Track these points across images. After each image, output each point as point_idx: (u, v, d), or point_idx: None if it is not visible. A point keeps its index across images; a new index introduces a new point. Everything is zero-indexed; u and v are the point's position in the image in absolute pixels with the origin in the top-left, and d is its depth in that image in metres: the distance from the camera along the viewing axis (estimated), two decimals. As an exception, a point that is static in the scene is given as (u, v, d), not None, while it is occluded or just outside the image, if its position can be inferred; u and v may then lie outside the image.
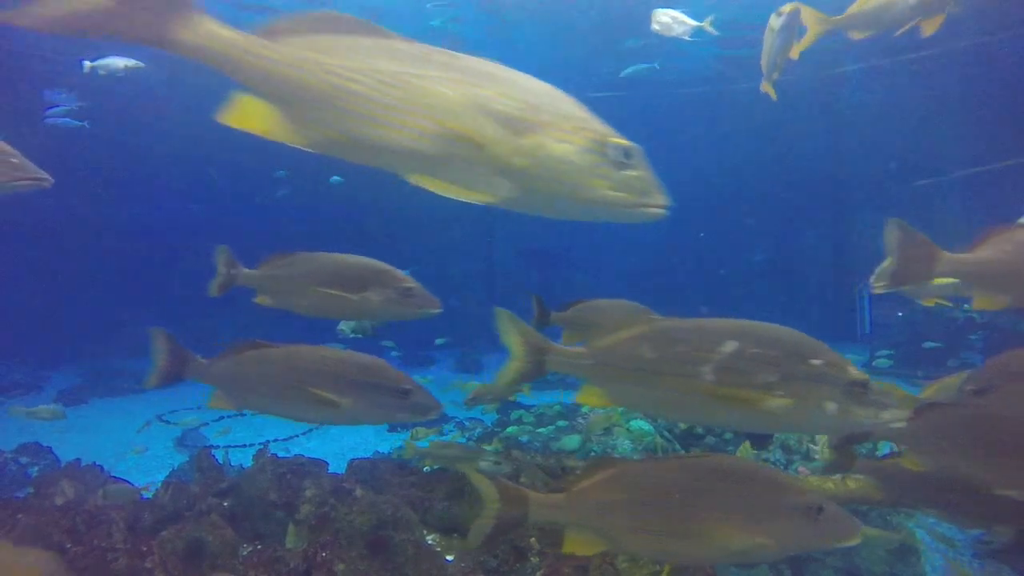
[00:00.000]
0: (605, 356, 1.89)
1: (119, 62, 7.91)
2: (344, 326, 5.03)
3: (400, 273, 2.57)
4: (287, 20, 1.47)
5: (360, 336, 5.02)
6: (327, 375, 2.21)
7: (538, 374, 1.96)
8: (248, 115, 1.46)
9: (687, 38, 5.22)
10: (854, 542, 1.69)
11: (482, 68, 1.48)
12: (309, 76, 1.43)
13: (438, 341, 13.52)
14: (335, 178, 14.63)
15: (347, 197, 17.36)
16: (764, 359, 1.68)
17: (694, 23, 5.27)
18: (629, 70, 11.57)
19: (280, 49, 1.44)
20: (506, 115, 1.43)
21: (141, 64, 7.95)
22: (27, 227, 15.80)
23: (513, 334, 1.96)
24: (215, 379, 2.38)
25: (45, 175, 2.38)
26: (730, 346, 1.70)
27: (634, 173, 1.51)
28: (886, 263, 2.36)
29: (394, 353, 13.48)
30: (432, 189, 1.46)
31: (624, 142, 1.51)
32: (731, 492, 1.75)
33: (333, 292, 2.49)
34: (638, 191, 1.51)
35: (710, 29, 5.24)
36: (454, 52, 1.48)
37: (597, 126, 1.51)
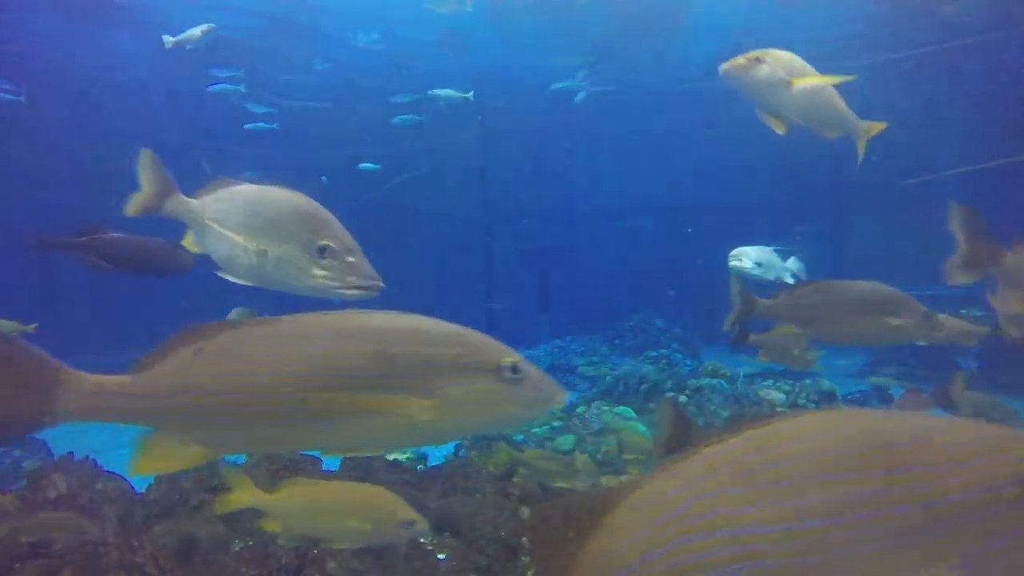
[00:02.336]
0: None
1: (196, 31, 8.12)
2: (235, 316, 4.82)
3: (914, 298, 2.68)
4: None
5: None
6: None
7: None
8: None
9: None
10: None
11: None
12: None
13: None
14: (323, 177, 14.58)
15: (343, 195, 17.38)
16: None
17: None
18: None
19: None
20: None
21: (214, 25, 8.11)
22: (21, 219, 15.78)
23: None
24: None
25: (378, 280, 1.90)
26: None
27: None
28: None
29: None
30: None
31: None
32: None
33: (881, 319, 2.59)
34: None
35: None
36: None
37: None
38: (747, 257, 3.82)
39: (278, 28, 12.15)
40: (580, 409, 4.74)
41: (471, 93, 10.96)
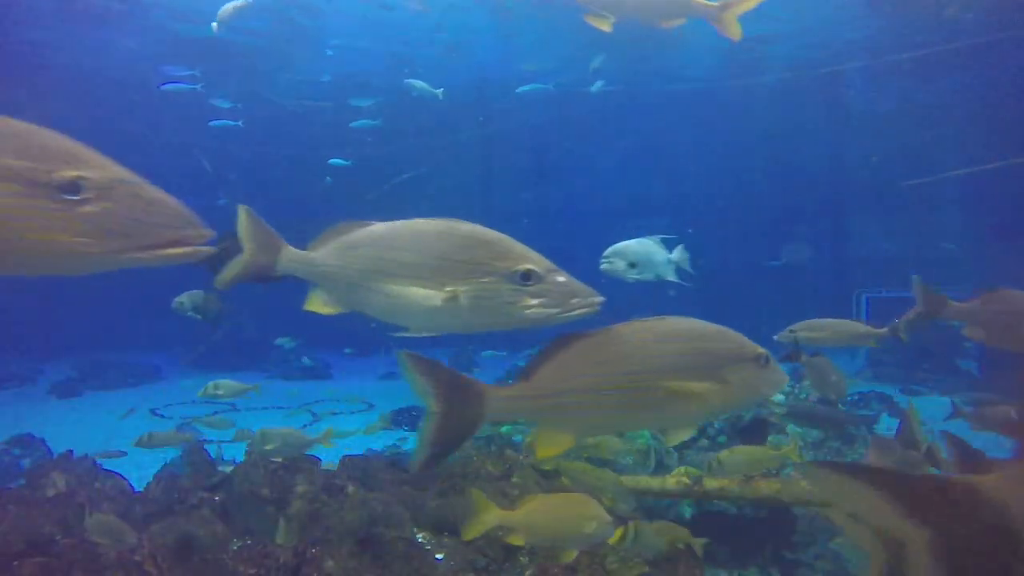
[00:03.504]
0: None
1: (229, 7, 8.15)
2: (185, 299, 4.24)
3: None
4: None
5: (199, 317, 4.26)
6: None
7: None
8: None
9: None
10: None
11: None
12: None
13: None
14: (328, 179, 14.48)
15: (340, 193, 17.36)
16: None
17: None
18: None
19: None
20: None
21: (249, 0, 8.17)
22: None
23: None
24: None
25: (597, 295, 1.78)
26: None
27: None
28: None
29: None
30: None
31: None
32: None
33: None
34: None
35: None
36: None
37: None
38: (620, 258, 3.56)
39: (276, 28, 12.15)
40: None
41: (441, 91, 11.01)
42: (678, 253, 3.65)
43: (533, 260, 1.78)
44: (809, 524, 3.56)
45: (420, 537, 2.91)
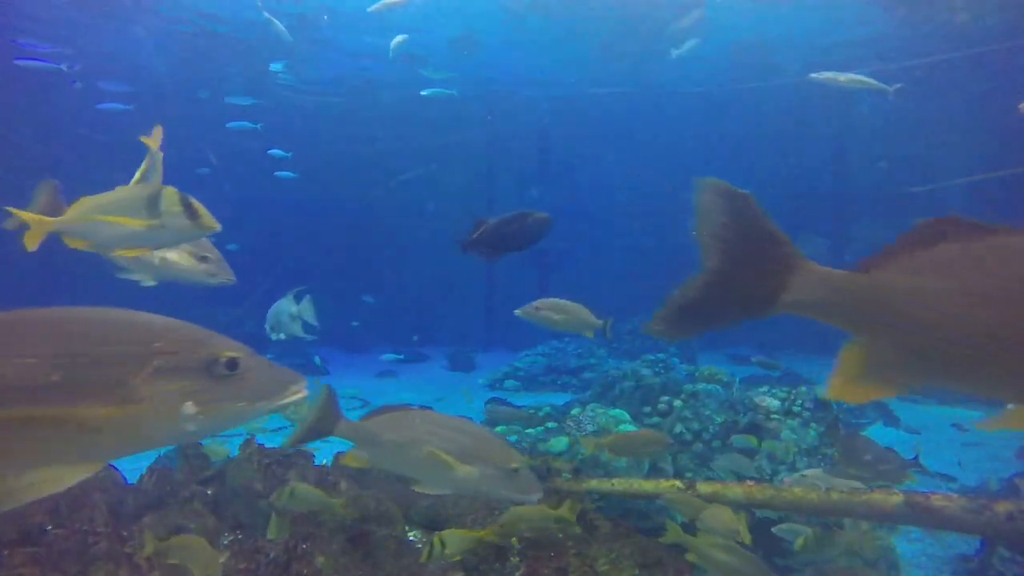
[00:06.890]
0: None
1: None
2: None
3: None
4: None
5: None
6: None
7: None
8: None
9: None
10: None
11: None
12: None
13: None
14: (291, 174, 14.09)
15: (340, 193, 17.36)
16: None
17: None
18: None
19: None
20: None
21: None
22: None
23: None
24: None
25: None
26: None
27: None
28: None
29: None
30: None
31: None
32: None
33: None
34: None
35: None
36: None
37: None
38: (268, 324, 3.51)
39: (289, 28, 12.18)
40: (575, 411, 4.74)
41: (391, 54, 10.98)
42: (303, 305, 3.55)
43: None
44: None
45: (412, 535, 2.91)
